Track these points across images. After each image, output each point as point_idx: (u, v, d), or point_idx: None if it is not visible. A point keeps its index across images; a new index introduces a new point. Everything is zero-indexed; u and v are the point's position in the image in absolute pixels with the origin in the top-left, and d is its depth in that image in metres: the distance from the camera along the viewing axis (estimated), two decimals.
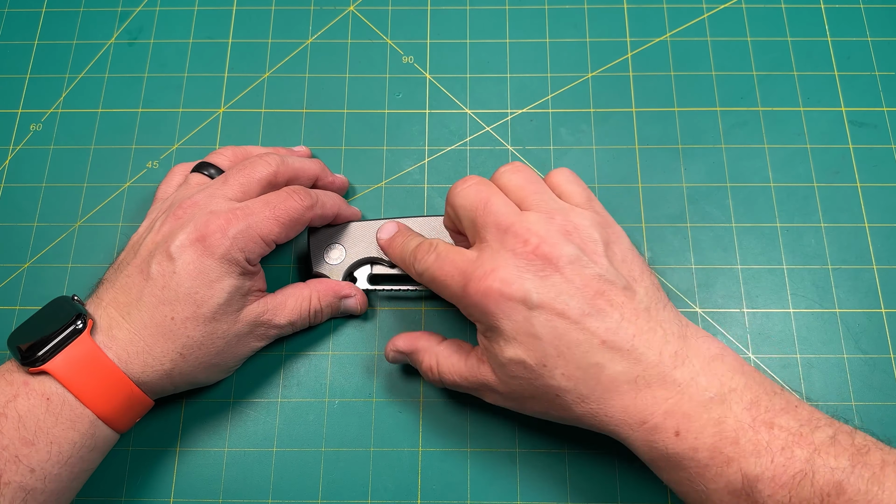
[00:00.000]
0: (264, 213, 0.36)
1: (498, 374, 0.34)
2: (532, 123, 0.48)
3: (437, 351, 0.38)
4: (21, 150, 0.48)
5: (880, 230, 0.45)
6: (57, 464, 0.31)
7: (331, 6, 0.52)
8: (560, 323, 0.31)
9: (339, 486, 0.40)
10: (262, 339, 0.39)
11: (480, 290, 0.32)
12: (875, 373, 0.42)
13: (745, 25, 0.50)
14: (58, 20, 0.52)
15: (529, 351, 0.32)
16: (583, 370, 0.31)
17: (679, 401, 0.30)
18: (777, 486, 0.28)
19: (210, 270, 0.34)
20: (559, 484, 0.40)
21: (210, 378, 0.38)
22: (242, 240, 0.35)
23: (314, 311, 0.40)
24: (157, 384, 0.35)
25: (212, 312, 0.35)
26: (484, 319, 0.33)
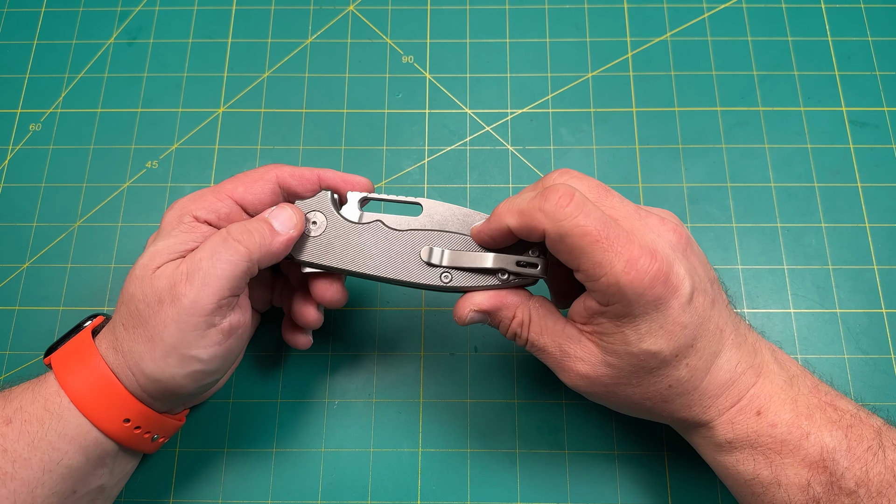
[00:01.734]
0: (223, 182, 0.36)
1: (610, 359, 0.31)
2: (532, 123, 0.48)
3: (531, 306, 0.33)
4: (20, 150, 0.48)
5: (881, 230, 0.45)
6: (26, 445, 0.31)
7: (331, 6, 0.52)
8: (702, 312, 0.31)
9: (339, 487, 0.40)
10: (184, 290, 0.31)
11: (650, 276, 0.29)
12: (876, 373, 0.42)
13: (746, 25, 0.50)
14: (57, 20, 0.52)
15: (671, 342, 0.30)
16: (704, 360, 0.31)
17: (762, 384, 0.32)
18: (853, 459, 0.30)
19: (153, 238, 0.34)
20: (559, 484, 0.40)
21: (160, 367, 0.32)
22: (189, 200, 0.34)
23: (234, 237, 0.32)
24: (117, 366, 0.32)
25: (133, 272, 0.33)
26: (637, 305, 0.29)
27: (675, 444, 0.40)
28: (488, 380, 0.42)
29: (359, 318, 0.43)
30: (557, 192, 0.30)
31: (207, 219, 0.34)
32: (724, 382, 0.32)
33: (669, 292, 0.29)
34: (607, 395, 0.33)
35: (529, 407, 0.41)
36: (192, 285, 0.31)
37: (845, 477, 0.29)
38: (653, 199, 0.46)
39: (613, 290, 0.29)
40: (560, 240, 0.30)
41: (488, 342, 0.43)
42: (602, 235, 0.29)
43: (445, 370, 0.42)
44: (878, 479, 0.29)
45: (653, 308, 0.29)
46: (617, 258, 0.29)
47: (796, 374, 0.33)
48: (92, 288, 0.44)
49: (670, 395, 0.32)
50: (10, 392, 0.33)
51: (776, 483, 0.31)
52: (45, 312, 0.44)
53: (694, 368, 0.31)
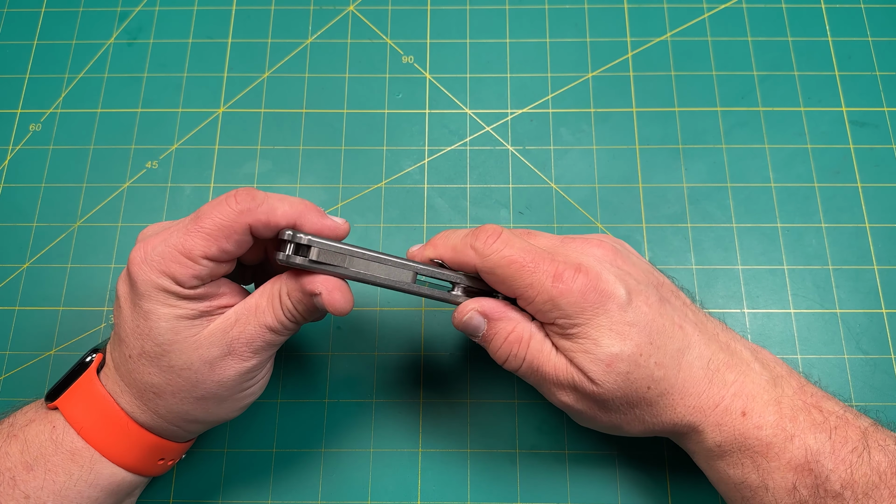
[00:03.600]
0: (188, 227, 0.31)
1: (592, 374, 0.32)
2: (532, 123, 0.48)
3: (532, 328, 0.33)
4: (20, 151, 0.48)
5: (881, 230, 0.45)
6: (51, 493, 0.31)
7: (331, 6, 0.52)
8: (647, 311, 0.32)
9: (339, 487, 0.40)
10: (247, 355, 0.32)
11: (579, 284, 0.31)
12: (876, 373, 0.42)
13: (746, 25, 0.50)
14: (57, 20, 0.52)
15: (626, 340, 0.31)
16: (670, 356, 0.32)
17: (743, 383, 0.32)
18: (838, 461, 0.30)
19: (141, 303, 0.31)
20: (559, 484, 0.40)
21: (213, 412, 0.33)
22: (161, 262, 0.30)
23: (287, 308, 0.32)
24: (154, 425, 0.33)
25: (158, 346, 0.31)
26: (577, 314, 0.31)
27: (675, 445, 0.40)
28: (488, 380, 0.42)
29: (359, 319, 0.43)
30: (486, 230, 0.33)
31: (192, 285, 0.31)
32: (700, 380, 0.32)
33: (604, 297, 0.31)
34: (600, 411, 0.33)
35: (529, 407, 0.41)
36: (253, 352, 0.32)
37: (830, 479, 0.30)
38: (653, 199, 0.46)
39: (549, 305, 0.32)
40: (491, 272, 0.32)
41: None
42: (527, 260, 0.32)
43: (445, 370, 0.42)
44: (863, 480, 0.29)
45: (592, 314, 0.31)
46: (544, 276, 0.32)
47: (781, 375, 0.33)
48: (92, 288, 0.44)
49: (652, 397, 0.32)
50: (24, 434, 0.32)
51: (763, 487, 0.31)
52: (45, 312, 0.44)
53: (663, 366, 0.32)
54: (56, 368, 0.42)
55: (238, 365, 0.32)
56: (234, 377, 0.32)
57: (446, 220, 0.46)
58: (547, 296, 0.31)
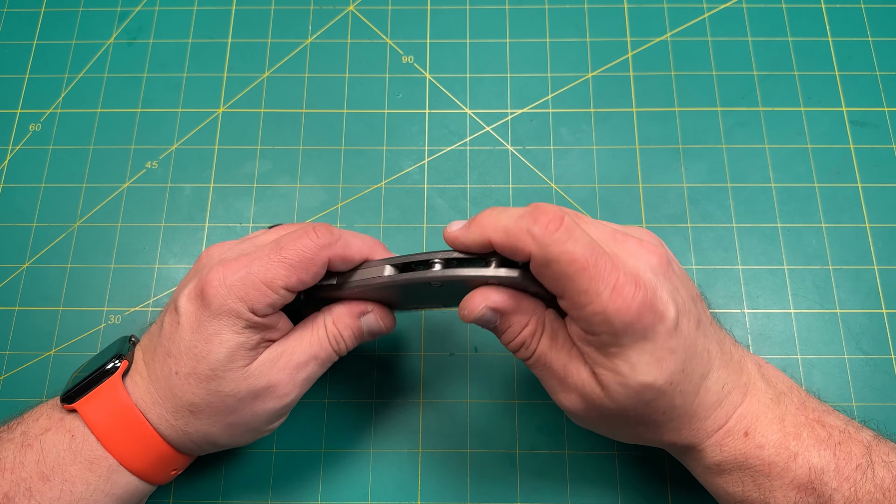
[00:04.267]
0: (270, 256, 0.31)
1: (606, 392, 0.30)
2: (532, 123, 0.48)
3: (547, 318, 0.31)
4: (20, 151, 0.48)
5: (881, 230, 0.45)
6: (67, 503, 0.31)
7: (330, 6, 0.52)
8: (688, 335, 0.29)
9: (339, 487, 0.40)
10: (288, 388, 0.33)
11: (637, 304, 0.28)
12: (876, 373, 0.42)
13: (746, 25, 0.50)
14: (57, 20, 0.52)
15: (664, 370, 0.29)
16: (693, 384, 0.30)
17: (749, 403, 0.31)
18: (842, 479, 0.29)
19: (208, 324, 0.31)
20: (559, 484, 0.40)
21: (238, 439, 0.34)
22: (241, 288, 0.31)
23: (333, 338, 0.33)
24: (178, 440, 0.33)
25: (211, 370, 0.31)
26: (625, 334, 0.28)
27: None
28: (488, 380, 0.42)
29: None
30: (546, 213, 0.29)
31: (266, 313, 0.31)
32: (712, 404, 0.31)
33: (657, 319, 0.28)
34: (600, 421, 0.32)
35: (529, 407, 0.41)
36: (295, 385, 0.33)
37: (834, 499, 0.29)
38: (653, 199, 0.46)
39: (600, 318, 0.28)
40: (546, 265, 0.28)
41: (488, 342, 0.43)
42: (590, 263, 0.28)
43: (445, 370, 0.42)
44: (867, 498, 0.29)
45: (641, 336, 0.28)
46: (603, 285, 0.28)
47: (783, 391, 0.32)
48: (92, 288, 0.44)
49: (663, 420, 0.31)
50: (40, 443, 0.31)
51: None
52: (45, 312, 0.44)
53: (685, 394, 0.30)
54: (56, 368, 0.42)
55: (278, 399, 0.33)
56: (271, 410, 0.33)
57: (446, 220, 0.46)
58: (601, 307, 0.28)
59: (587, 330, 0.29)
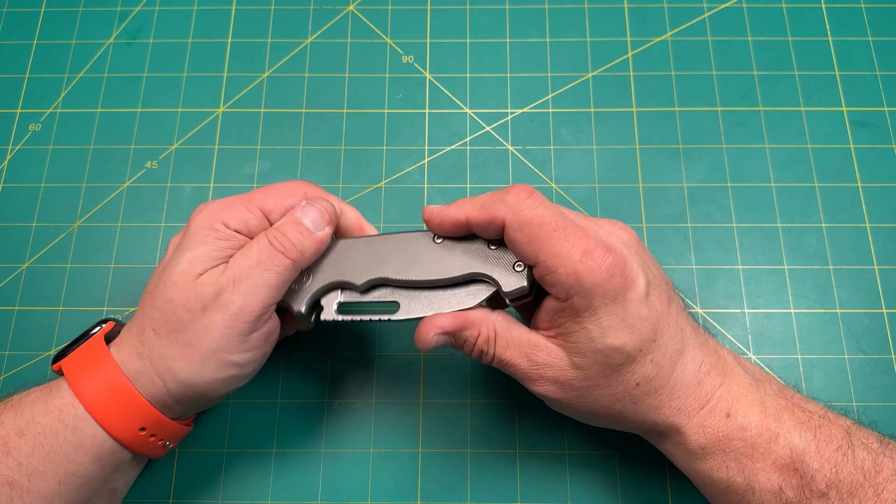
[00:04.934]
0: (253, 190, 0.36)
1: (577, 359, 0.31)
2: (532, 123, 0.48)
3: (495, 321, 0.33)
4: (20, 150, 0.48)
5: (881, 230, 0.45)
6: (41, 458, 0.31)
7: (330, 6, 0.52)
8: (660, 307, 0.32)
9: (339, 487, 0.40)
10: (234, 299, 0.32)
11: (607, 266, 0.30)
12: (876, 373, 0.42)
13: (746, 25, 0.50)
14: (57, 20, 0.52)
15: (634, 335, 0.30)
16: (668, 357, 0.31)
17: (729, 385, 0.32)
18: (823, 460, 0.30)
19: (184, 241, 0.34)
20: (559, 484, 0.40)
21: (196, 371, 0.32)
22: (219, 207, 0.34)
23: (276, 239, 0.33)
24: (143, 372, 0.32)
25: (170, 277, 0.32)
26: (596, 296, 0.30)
27: None
28: (488, 380, 0.42)
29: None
30: (518, 187, 0.32)
31: (238, 228, 0.34)
32: (690, 382, 0.32)
33: (627, 284, 0.30)
34: (578, 400, 0.33)
35: (529, 407, 0.41)
36: (239, 293, 0.32)
37: (816, 479, 0.29)
38: (653, 199, 0.46)
39: (572, 280, 0.30)
40: (519, 228, 0.31)
41: None
42: (560, 226, 0.31)
43: (445, 370, 0.42)
44: (848, 479, 0.29)
45: (611, 300, 0.30)
46: (574, 248, 0.30)
47: (761, 378, 0.33)
48: (92, 288, 0.44)
49: (639, 394, 0.32)
50: (20, 402, 0.32)
51: (750, 490, 0.31)
52: (45, 312, 0.44)
53: (659, 365, 0.31)
54: None
55: (225, 308, 0.32)
56: (220, 323, 0.32)
57: None
58: (572, 269, 0.30)
59: (560, 296, 0.31)
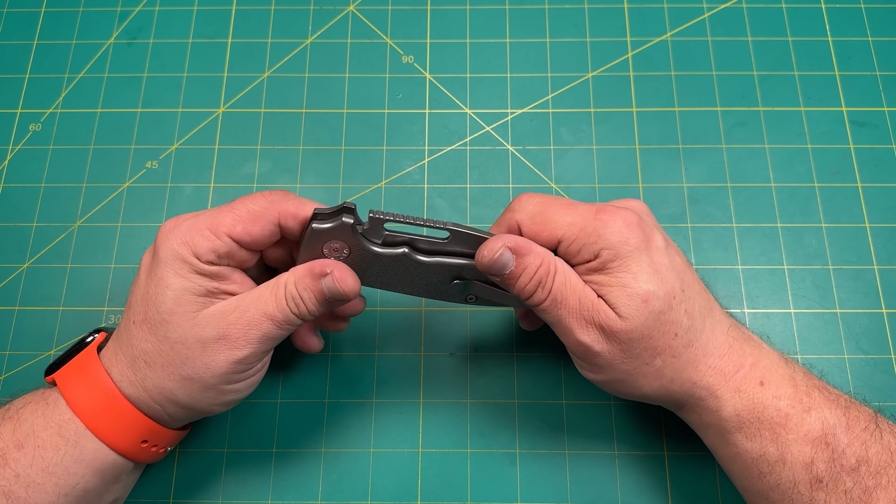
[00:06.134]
0: (220, 209, 0.33)
1: (621, 310, 0.32)
2: (532, 123, 0.48)
3: (557, 259, 0.33)
4: (20, 150, 0.48)
5: (881, 230, 0.45)
6: (40, 470, 0.31)
7: (331, 6, 0.52)
8: (681, 264, 0.33)
9: (339, 487, 0.40)
10: (240, 343, 0.32)
11: (621, 217, 0.32)
12: (876, 373, 0.42)
13: (746, 25, 0.50)
14: (57, 20, 0.52)
15: (663, 283, 0.32)
16: (699, 308, 0.33)
17: (759, 355, 0.33)
18: (853, 437, 0.30)
19: (157, 270, 0.32)
20: (559, 484, 0.40)
21: (196, 398, 0.33)
22: (187, 233, 0.32)
23: (292, 298, 0.32)
24: (138, 397, 0.33)
25: (159, 314, 0.32)
26: (621, 245, 0.32)
27: (675, 444, 0.40)
28: (488, 380, 0.42)
29: (359, 319, 0.43)
30: (521, 195, 0.35)
31: (210, 260, 0.32)
32: (722, 343, 0.33)
33: (646, 236, 0.32)
34: (622, 356, 0.32)
35: (529, 407, 0.41)
36: (248, 342, 0.32)
37: (846, 454, 0.30)
38: (653, 199, 0.46)
39: (594, 237, 0.32)
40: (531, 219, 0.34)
41: (488, 342, 0.43)
42: (566, 202, 0.33)
43: (445, 370, 0.42)
44: (876, 458, 0.30)
45: (635, 248, 0.32)
46: (586, 211, 0.33)
47: (787, 357, 0.34)
48: (92, 288, 0.44)
49: (677, 346, 0.32)
50: (18, 414, 0.32)
51: (781, 461, 0.31)
52: (45, 312, 0.44)
53: (692, 316, 0.32)
54: None
55: (229, 352, 0.32)
56: (223, 364, 0.32)
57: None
58: (591, 228, 0.32)
59: (588, 256, 0.32)
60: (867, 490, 0.29)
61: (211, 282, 0.32)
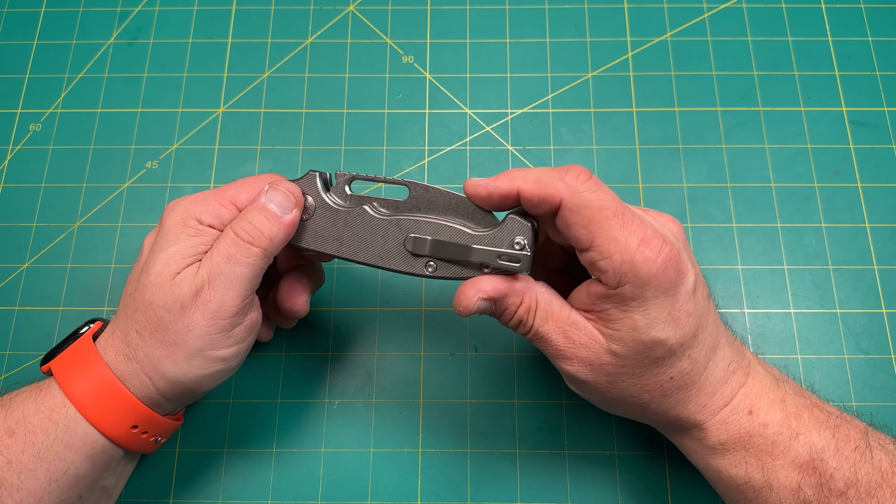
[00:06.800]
0: (224, 185, 0.35)
1: (615, 346, 0.31)
2: (532, 123, 0.48)
3: (538, 291, 0.32)
4: (20, 151, 0.48)
5: (881, 230, 0.45)
6: (32, 456, 0.31)
7: (331, 6, 0.52)
8: (703, 304, 0.32)
9: (339, 487, 0.40)
10: (212, 296, 0.32)
11: (664, 257, 0.29)
12: (876, 373, 0.42)
13: (746, 25, 0.50)
14: (57, 20, 0.52)
15: (679, 330, 0.30)
16: (704, 354, 0.31)
17: (752, 383, 0.32)
18: (842, 459, 0.30)
19: (160, 240, 0.33)
20: (559, 484, 0.40)
21: (183, 369, 0.32)
22: (192, 202, 0.34)
23: (242, 229, 0.33)
24: (132, 373, 0.32)
25: (148, 277, 0.32)
26: (649, 287, 0.29)
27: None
28: (488, 380, 0.42)
29: (358, 318, 0.43)
30: (577, 168, 0.31)
31: (211, 223, 0.34)
32: (719, 380, 0.32)
33: (679, 278, 0.30)
34: (607, 385, 0.32)
35: (529, 407, 0.41)
36: (215, 290, 0.32)
37: (834, 478, 0.30)
38: (653, 199, 0.46)
39: (627, 267, 0.29)
40: (577, 210, 0.30)
41: (488, 342, 0.43)
42: (619, 212, 0.30)
43: (445, 370, 0.42)
44: (866, 479, 0.29)
45: (662, 293, 0.30)
46: (632, 235, 0.29)
47: (780, 378, 0.34)
48: (92, 288, 0.44)
49: (670, 388, 0.31)
50: (10, 401, 0.32)
51: (768, 487, 0.31)
52: (45, 312, 0.44)
53: (695, 362, 0.31)
54: None
55: (204, 307, 0.32)
56: (201, 322, 0.32)
57: None
58: (629, 256, 0.29)
59: (611, 283, 0.30)
60: None
61: (202, 245, 0.33)
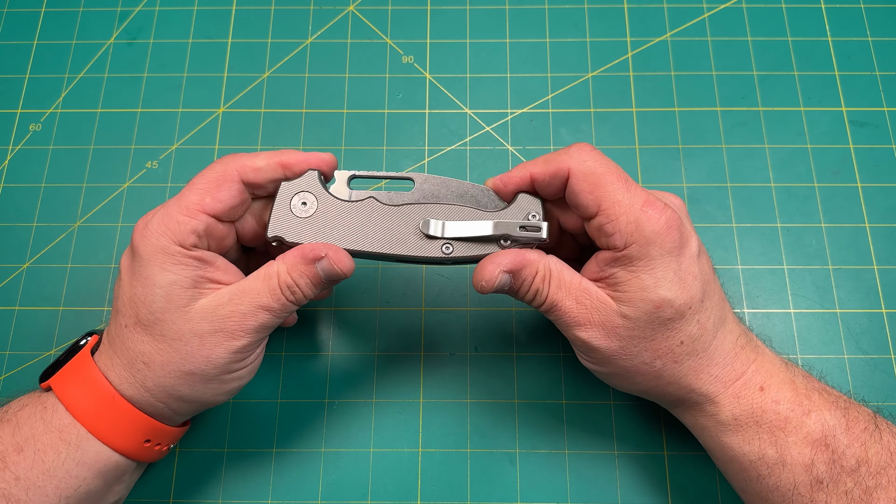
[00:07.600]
0: (182, 192, 0.33)
1: (626, 309, 0.32)
2: (532, 123, 0.48)
3: (550, 261, 0.33)
4: (20, 151, 0.48)
5: (881, 230, 0.45)
6: (41, 473, 0.31)
7: (331, 6, 0.52)
8: (709, 272, 0.33)
9: (339, 487, 0.40)
10: (238, 334, 0.32)
11: (666, 217, 0.31)
12: (876, 373, 0.42)
13: (746, 25, 0.50)
14: (57, 20, 0.52)
15: (685, 291, 0.31)
16: (712, 321, 0.32)
17: (761, 361, 0.33)
18: (853, 438, 0.30)
19: (141, 270, 0.32)
20: (559, 484, 0.40)
21: (199, 391, 0.33)
22: (161, 224, 0.32)
23: (287, 287, 0.32)
24: (139, 398, 0.32)
25: (151, 314, 0.31)
26: (655, 245, 0.31)
27: (675, 443, 0.40)
28: (488, 380, 0.42)
29: (359, 318, 0.43)
30: (581, 143, 0.34)
31: (193, 243, 0.32)
32: (728, 352, 0.33)
33: (683, 240, 0.31)
34: (620, 351, 0.32)
35: (529, 407, 0.41)
36: (245, 332, 0.32)
37: (846, 455, 0.30)
38: None
39: (632, 227, 0.31)
40: (584, 177, 0.32)
41: (488, 342, 0.43)
42: (622, 177, 0.32)
43: (445, 370, 0.42)
44: (876, 458, 0.30)
45: (667, 252, 0.31)
46: (635, 198, 0.32)
47: (788, 362, 0.34)
48: (92, 288, 0.44)
49: (681, 353, 0.32)
50: (16, 417, 0.32)
51: (781, 463, 0.31)
52: (45, 312, 0.44)
53: (703, 328, 0.32)
54: None
55: (227, 343, 0.32)
56: (222, 355, 0.32)
57: None
58: (633, 217, 0.31)
59: (618, 244, 0.32)
60: (867, 490, 0.29)
61: (196, 270, 0.32)
